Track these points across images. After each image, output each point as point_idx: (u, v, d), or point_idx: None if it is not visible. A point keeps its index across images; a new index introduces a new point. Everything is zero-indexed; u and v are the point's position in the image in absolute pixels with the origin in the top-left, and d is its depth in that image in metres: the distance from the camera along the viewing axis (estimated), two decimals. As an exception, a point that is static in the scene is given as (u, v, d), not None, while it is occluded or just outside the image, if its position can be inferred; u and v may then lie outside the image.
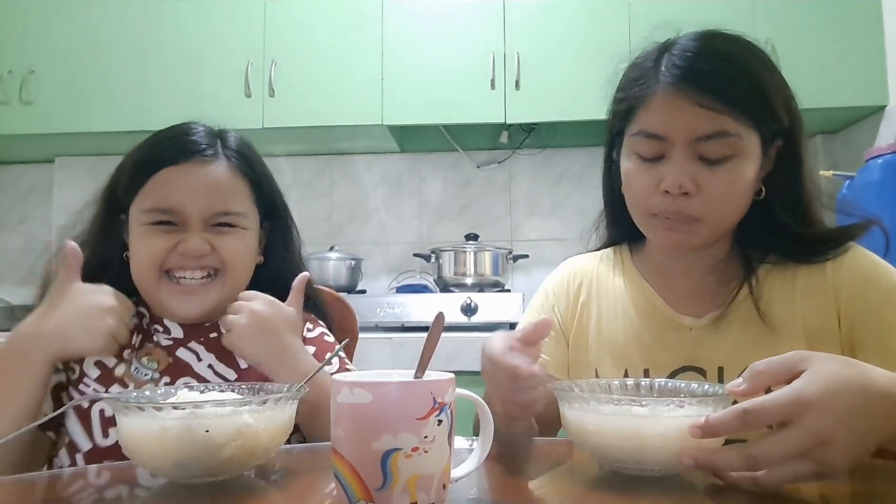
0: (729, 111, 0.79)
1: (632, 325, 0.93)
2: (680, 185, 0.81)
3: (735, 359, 0.85)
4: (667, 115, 0.82)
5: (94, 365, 0.92)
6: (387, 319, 2.17)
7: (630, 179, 0.88)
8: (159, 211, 0.92)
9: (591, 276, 1.00)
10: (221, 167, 0.95)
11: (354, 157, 2.77)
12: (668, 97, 0.82)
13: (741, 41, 0.86)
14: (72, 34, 2.46)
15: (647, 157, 0.84)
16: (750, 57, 0.84)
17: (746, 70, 0.82)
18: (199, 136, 0.96)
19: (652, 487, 0.60)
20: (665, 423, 0.58)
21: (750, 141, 0.82)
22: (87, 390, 0.90)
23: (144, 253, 0.92)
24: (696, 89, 0.80)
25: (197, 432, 0.58)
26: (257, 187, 0.99)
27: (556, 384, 0.67)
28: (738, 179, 0.82)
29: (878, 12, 2.21)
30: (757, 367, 0.57)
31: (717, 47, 0.84)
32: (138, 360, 0.93)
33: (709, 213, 0.83)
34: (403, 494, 0.50)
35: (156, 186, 0.92)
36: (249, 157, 0.99)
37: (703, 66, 0.82)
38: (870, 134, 2.28)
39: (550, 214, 2.67)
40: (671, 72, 0.82)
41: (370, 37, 2.38)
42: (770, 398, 0.53)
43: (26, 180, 2.81)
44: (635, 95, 0.85)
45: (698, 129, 0.80)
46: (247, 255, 0.98)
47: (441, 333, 0.56)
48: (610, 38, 2.28)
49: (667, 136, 0.82)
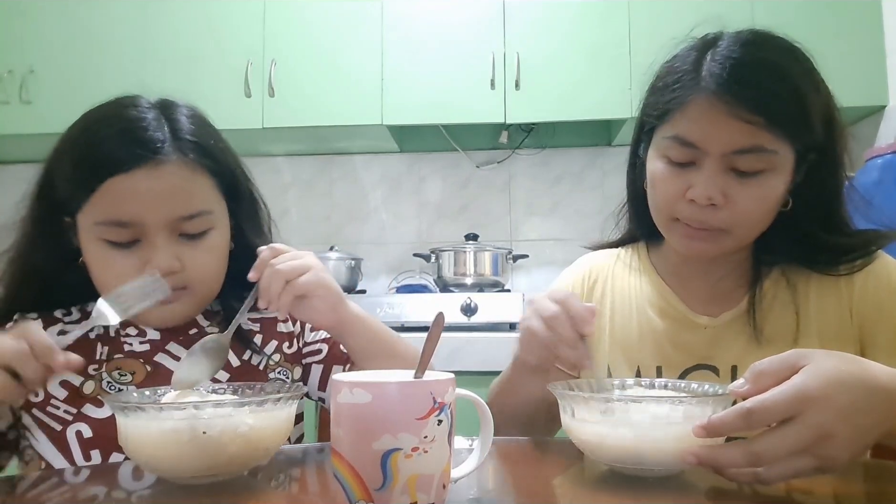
0: (768, 126, 0.77)
1: (647, 324, 0.93)
2: (709, 197, 0.79)
3: (749, 358, 0.83)
4: (704, 124, 0.79)
5: (60, 385, 0.83)
6: (387, 319, 2.17)
7: (657, 181, 0.85)
8: (115, 224, 0.81)
9: (608, 275, 1.00)
10: (177, 166, 0.83)
11: (354, 156, 2.77)
12: (707, 105, 0.79)
13: (787, 48, 0.83)
14: (72, 34, 2.46)
15: (678, 161, 0.82)
16: (794, 68, 0.81)
17: (790, 84, 0.79)
18: (149, 129, 0.82)
19: (653, 487, 0.60)
20: (665, 423, 0.58)
21: (785, 156, 0.80)
22: (58, 412, 0.82)
23: (111, 278, 0.82)
24: (737, 101, 0.77)
25: (197, 432, 0.58)
26: (219, 175, 0.88)
27: (555, 384, 0.67)
28: (768, 194, 0.80)
29: (878, 12, 2.21)
30: (758, 367, 0.57)
31: (762, 57, 0.80)
32: (108, 373, 0.85)
33: (735, 227, 0.81)
34: (403, 494, 0.50)
35: (107, 196, 0.81)
36: (205, 141, 0.87)
37: (746, 76, 0.78)
38: (870, 134, 2.28)
39: (550, 214, 2.67)
40: (713, 79, 0.79)
41: (370, 37, 2.38)
42: (772, 395, 0.53)
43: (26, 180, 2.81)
44: (672, 97, 0.82)
45: (735, 143, 0.78)
46: (217, 265, 0.89)
47: (441, 333, 0.56)
48: (610, 38, 2.28)
49: (701, 146, 0.80)
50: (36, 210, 0.88)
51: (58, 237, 0.87)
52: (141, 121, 0.84)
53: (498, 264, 2.38)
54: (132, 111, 0.85)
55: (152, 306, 0.79)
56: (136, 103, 0.86)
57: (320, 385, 0.98)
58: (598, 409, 0.60)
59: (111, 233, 0.82)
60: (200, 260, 0.86)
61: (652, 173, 0.86)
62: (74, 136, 0.86)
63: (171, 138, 0.84)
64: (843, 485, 0.66)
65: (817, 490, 0.60)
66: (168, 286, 0.82)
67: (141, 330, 0.90)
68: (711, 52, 0.81)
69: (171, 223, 0.83)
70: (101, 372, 0.85)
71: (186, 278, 0.85)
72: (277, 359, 0.95)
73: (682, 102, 0.81)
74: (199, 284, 0.87)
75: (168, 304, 0.84)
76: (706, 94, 0.79)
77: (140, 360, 0.88)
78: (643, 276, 0.96)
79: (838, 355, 0.56)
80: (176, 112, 0.87)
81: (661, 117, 0.84)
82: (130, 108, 0.85)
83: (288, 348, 0.97)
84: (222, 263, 0.91)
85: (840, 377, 0.53)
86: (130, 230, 0.82)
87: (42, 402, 0.83)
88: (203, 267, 0.87)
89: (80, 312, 0.93)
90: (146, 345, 0.89)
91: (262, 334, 0.96)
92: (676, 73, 0.83)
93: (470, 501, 0.59)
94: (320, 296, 0.82)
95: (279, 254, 0.82)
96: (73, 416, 0.82)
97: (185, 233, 0.84)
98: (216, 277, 0.90)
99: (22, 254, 0.88)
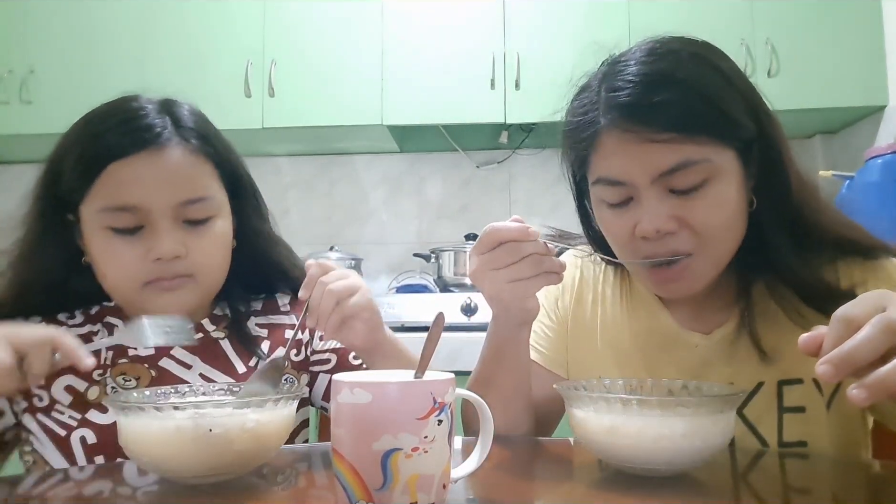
0: (687, 138, 0.72)
1: (638, 341, 0.89)
2: (657, 230, 0.74)
3: (744, 374, 0.82)
4: (621, 159, 0.75)
5: (65, 390, 0.83)
6: (387, 319, 2.13)
7: (606, 228, 0.81)
8: (118, 209, 0.82)
9: (595, 284, 0.95)
10: (180, 151, 0.84)
11: (354, 157, 2.77)
12: (616, 139, 0.74)
13: (687, 51, 0.77)
14: (72, 34, 2.46)
15: (615, 202, 0.78)
16: (699, 70, 0.75)
17: (697, 88, 0.73)
18: (150, 118, 0.84)
19: (655, 487, 0.60)
20: (673, 422, 0.58)
21: (723, 159, 0.74)
22: (62, 418, 0.82)
23: (116, 269, 0.84)
24: (644, 124, 0.72)
25: (199, 432, 0.58)
26: (221, 165, 0.89)
27: (562, 384, 0.67)
28: (721, 202, 0.75)
29: (878, 12, 2.21)
30: (842, 313, 0.54)
31: (659, 70, 0.74)
32: (113, 378, 0.85)
33: (701, 246, 0.76)
34: (403, 494, 0.50)
35: (109, 182, 0.82)
36: (207, 132, 0.89)
37: (646, 97, 0.73)
38: (869, 134, 2.28)
39: (550, 214, 2.67)
40: (613, 110, 0.74)
41: (370, 37, 2.38)
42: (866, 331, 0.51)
43: (26, 180, 2.81)
44: (583, 140, 0.78)
45: (659, 166, 0.73)
46: (221, 252, 0.89)
47: (441, 333, 0.56)
48: (610, 38, 2.27)
49: (627, 180, 0.75)
50: (39, 209, 0.88)
51: (61, 237, 0.87)
52: (142, 110, 0.85)
53: (498, 264, 2.38)
54: (133, 103, 0.87)
55: (173, 345, 0.79)
56: (137, 98, 0.88)
57: (325, 395, 0.98)
58: (606, 409, 0.60)
59: (115, 219, 0.82)
60: (205, 247, 0.86)
61: (599, 222, 0.82)
62: (77, 130, 0.87)
63: (172, 126, 0.85)
64: (843, 485, 0.66)
65: (817, 490, 0.60)
66: (193, 333, 0.82)
67: None
68: (608, 81, 0.77)
69: (174, 208, 0.83)
70: (106, 377, 0.85)
71: (191, 265, 0.85)
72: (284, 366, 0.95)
73: (593, 142, 0.77)
74: (204, 272, 0.87)
75: (174, 291, 0.84)
76: (611, 128, 0.74)
77: (145, 364, 0.87)
78: (632, 293, 0.92)
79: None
80: (177, 107, 0.89)
81: (582, 165, 0.81)
82: (132, 101, 0.87)
83: (296, 356, 0.97)
84: (226, 253, 0.91)
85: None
86: (134, 215, 0.82)
87: (47, 406, 0.83)
88: (207, 254, 0.86)
89: (84, 316, 0.92)
90: (150, 349, 0.88)
91: (269, 340, 0.96)
92: (579, 113, 0.79)
93: (470, 501, 0.59)
94: (364, 319, 0.81)
95: (328, 270, 0.81)
96: (78, 421, 0.82)
97: (188, 219, 0.85)
98: (220, 266, 0.90)
99: (25, 256, 0.88)
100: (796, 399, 0.80)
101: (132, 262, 0.82)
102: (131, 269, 0.83)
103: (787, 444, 0.80)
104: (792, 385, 0.81)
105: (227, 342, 0.93)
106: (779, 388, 0.81)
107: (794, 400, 0.80)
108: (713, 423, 0.59)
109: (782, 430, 0.80)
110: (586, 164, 0.80)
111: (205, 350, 0.91)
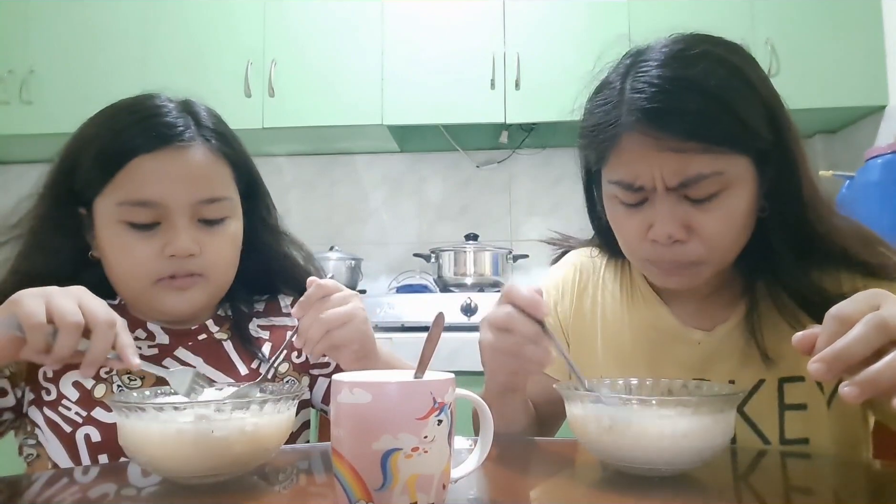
0: (709, 149, 0.72)
1: (639, 338, 0.89)
2: (669, 236, 0.75)
3: (746, 372, 0.82)
4: (639, 165, 0.74)
5: (73, 386, 0.83)
6: (387, 319, 2.17)
7: (616, 225, 0.82)
8: (138, 204, 0.82)
9: (597, 282, 0.95)
10: (201, 151, 0.85)
11: (354, 157, 2.77)
12: (637, 143, 0.74)
13: (716, 56, 0.75)
14: (72, 34, 2.46)
15: (629, 203, 0.78)
16: (721, 75, 0.73)
17: (719, 97, 0.72)
18: (171, 116, 0.85)
19: (655, 487, 0.60)
20: (673, 421, 0.58)
21: (738, 169, 0.74)
22: (69, 414, 0.82)
23: (128, 264, 0.84)
24: (664, 132, 0.71)
25: (199, 433, 0.58)
26: (237, 166, 0.91)
27: (562, 384, 0.67)
28: (732, 213, 0.75)
29: (878, 12, 2.21)
30: (836, 311, 0.55)
31: (683, 75, 0.73)
32: (119, 377, 0.85)
33: (708, 255, 0.76)
34: (403, 494, 0.50)
35: (130, 177, 0.82)
36: (225, 133, 0.90)
37: (669, 103, 0.72)
38: (869, 134, 2.28)
39: (550, 214, 2.67)
40: (635, 113, 0.73)
41: (370, 37, 2.38)
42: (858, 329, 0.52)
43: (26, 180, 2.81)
44: (603, 138, 0.77)
45: (675, 176, 0.73)
46: (232, 253, 0.90)
47: (441, 333, 0.56)
48: (610, 39, 2.27)
49: (644, 185, 0.75)
50: (49, 202, 0.87)
51: (68, 232, 0.87)
52: (164, 107, 0.87)
53: (498, 264, 2.38)
54: (154, 101, 0.88)
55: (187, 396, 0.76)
56: (157, 96, 0.89)
57: (325, 398, 0.98)
58: (606, 409, 0.60)
59: (133, 213, 0.83)
60: (218, 246, 0.87)
61: (610, 216, 0.82)
62: (97, 124, 0.87)
63: (194, 125, 0.87)
64: (843, 485, 0.66)
65: (818, 490, 0.60)
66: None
67: (150, 333, 0.90)
68: (631, 79, 0.76)
69: (192, 206, 0.84)
70: (112, 375, 0.85)
71: (204, 264, 0.86)
72: (286, 368, 0.95)
73: (612, 142, 0.76)
74: (216, 272, 0.88)
75: (184, 290, 0.85)
76: (632, 132, 0.74)
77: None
78: (633, 291, 0.92)
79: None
80: (195, 107, 0.90)
81: (599, 160, 0.80)
82: (153, 99, 0.88)
83: (297, 358, 0.97)
84: (236, 254, 0.91)
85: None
86: (152, 211, 0.83)
87: (54, 401, 0.83)
88: (220, 254, 0.87)
89: None
90: (155, 349, 0.88)
91: (271, 343, 0.96)
92: (601, 110, 0.78)
93: (470, 501, 0.59)
94: (353, 350, 0.81)
95: (328, 293, 0.79)
96: (83, 418, 0.82)
97: (204, 218, 0.86)
98: (230, 267, 0.91)
99: (32, 249, 0.87)
100: (797, 396, 0.81)
101: (146, 257, 0.83)
102: (145, 264, 0.83)
103: (789, 441, 0.80)
104: (793, 382, 0.81)
105: (230, 343, 0.93)
106: (780, 385, 0.81)
107: (796, 397, 0.81)
108: (714, 423, 0.59)
109: (784, 427, 0.80)
110: (603, 161, 0.79)
111: (208, 351, 0.91)
